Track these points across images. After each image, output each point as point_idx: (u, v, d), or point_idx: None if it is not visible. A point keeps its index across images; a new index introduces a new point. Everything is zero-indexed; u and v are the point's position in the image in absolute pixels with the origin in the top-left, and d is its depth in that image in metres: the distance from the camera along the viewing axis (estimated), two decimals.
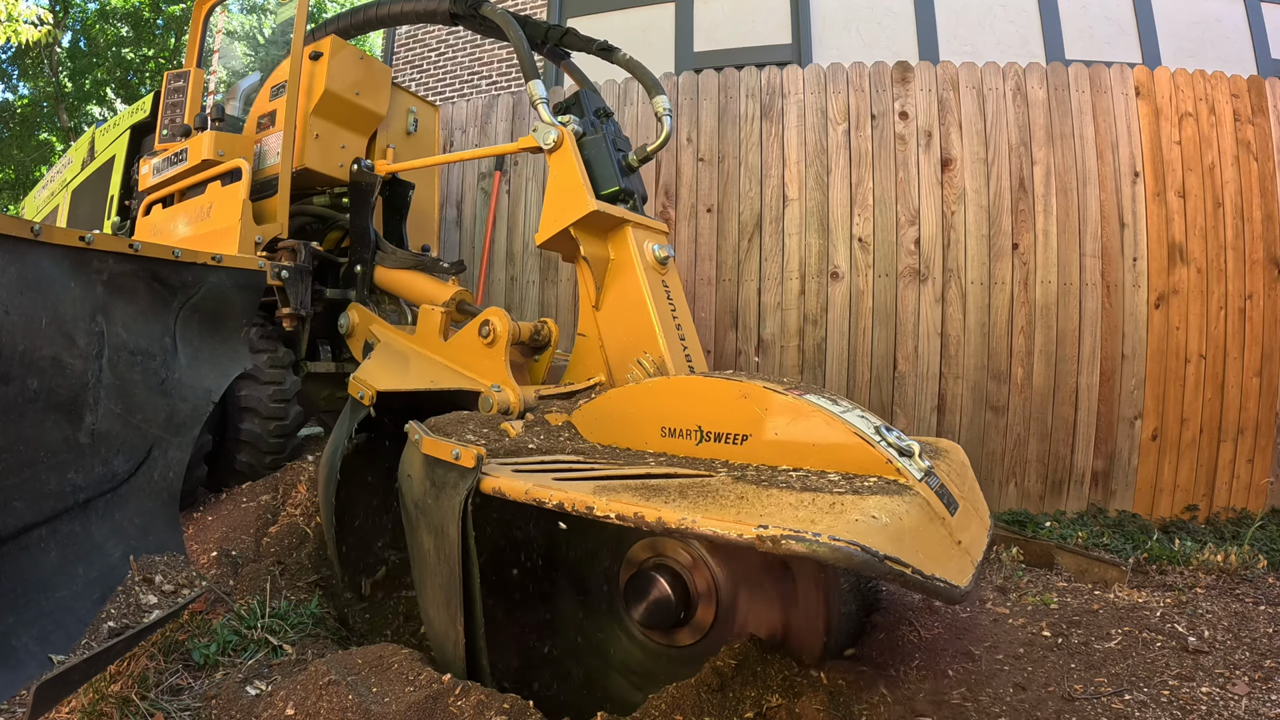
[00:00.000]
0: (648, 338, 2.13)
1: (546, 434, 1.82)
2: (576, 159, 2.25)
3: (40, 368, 1.41)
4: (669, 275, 2.32)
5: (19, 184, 13.59)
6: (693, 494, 1.30)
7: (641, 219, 2.32)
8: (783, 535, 1.09)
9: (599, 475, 1.45)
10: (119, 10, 13.55)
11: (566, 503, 1.30)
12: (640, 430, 1.71)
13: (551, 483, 1.37)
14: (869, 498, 1.25)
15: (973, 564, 1.34)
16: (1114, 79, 3.59)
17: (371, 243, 2.87)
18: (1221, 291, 3.52)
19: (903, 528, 1.20)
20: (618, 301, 2.23)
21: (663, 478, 1.42)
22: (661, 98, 2.59)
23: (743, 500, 1.26)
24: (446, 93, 6.85)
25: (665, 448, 1.66)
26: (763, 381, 1.58)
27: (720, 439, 1.57)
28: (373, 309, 2.84)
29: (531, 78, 2.35)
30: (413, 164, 2.96)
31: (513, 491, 1.37)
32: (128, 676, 1.54)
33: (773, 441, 1.50)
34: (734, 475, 1.41)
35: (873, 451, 1.40)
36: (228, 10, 13.23)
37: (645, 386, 1.75)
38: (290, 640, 1.74)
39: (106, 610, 1.47)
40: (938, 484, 1.45)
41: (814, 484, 1.34)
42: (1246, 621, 2.02)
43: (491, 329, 2.25)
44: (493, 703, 1.35)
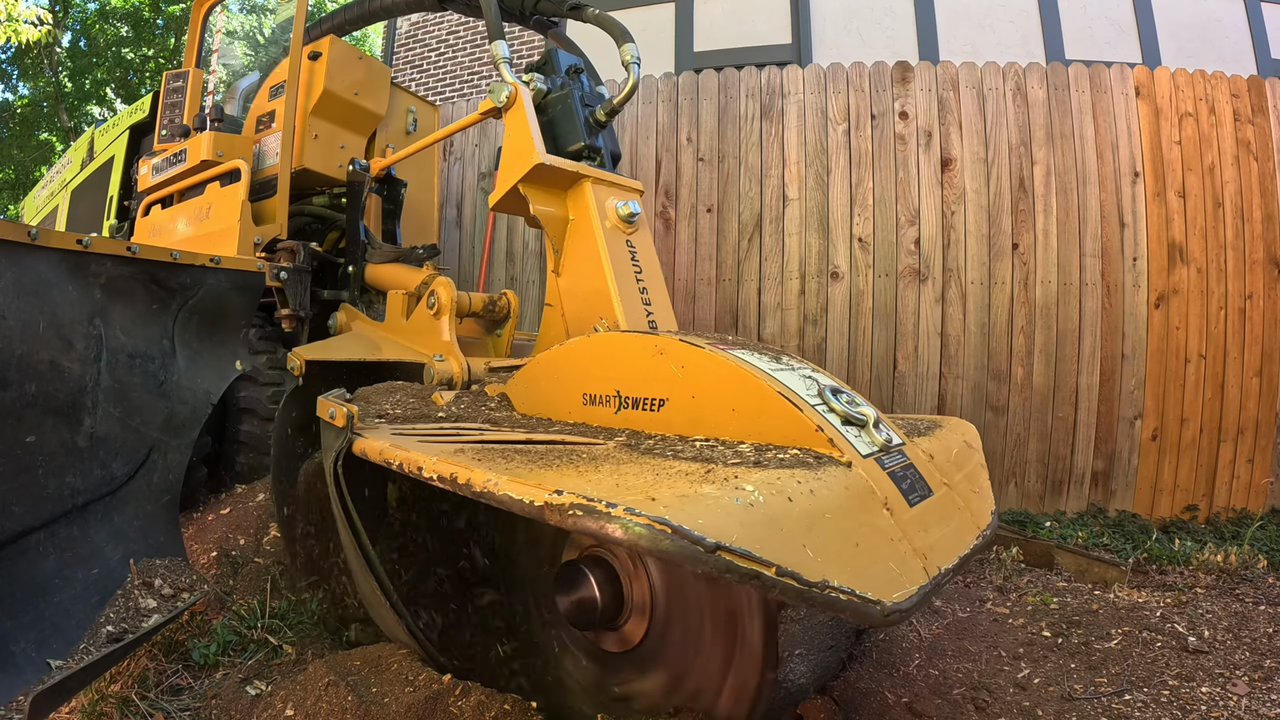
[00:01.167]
0: (604, 302, 1.94)
1: (471, 404, 1.66)
2: (528, 115, 2.09)
3: (38, 372, 1.41)
4: (637, 234, 2.11)
5: (19, 184, 13.59)
6: (545, 459, 1.09)
7: (605, 175, 2.15)
8: (572, 504, 0.85)
9: (474, 440, 1.27)
10: (119, 10, 13.54)
11: (406, 463, 1.14)
12: (563, 398, 1.51)
13: (414, 444, 1.21)
14: (758, 472, 0.97)
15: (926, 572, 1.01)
16: (1114, 79, 3.59)
17: (362, 242, 2.87)
18: (1221, 291, 3.51)
19: (788, 512, 0.90)
20: (576, 264, 2.06)
21: (544, 444, 1.22)
22: (630, 45, 2.36)
23: (590, 467, 1.03)
24: (446, 93, 6.85)
25: (586, 417, 1.44)
26: (685, 336, 1.36)
27: (638, 405, 1.34)
28: (363, 309, 2.83)
29: (496, 38, 2.22)
30: (397, 155, 2.94)
31: (371, 452, 1.25)
32: (128, 676, 1.54)
33: (690, 405, 1.26)
34: (624, 444, 1.19)
35: (799, 417, 1.13)
36: (227, 10, 13.23)
37: (567, 348, 1.54)
38: (290, 640, 1.74)
39: (105, 614, 1.47)
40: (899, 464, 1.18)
41: (707, 454, 1.09)
42: (1246, 621, 2.02)
43: (436, 299, 2.16)
44: (493, 703, 1.35)
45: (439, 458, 1.08)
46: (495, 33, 2.26)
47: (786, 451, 1.10)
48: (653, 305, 2.01)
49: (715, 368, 1.24)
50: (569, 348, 1.54)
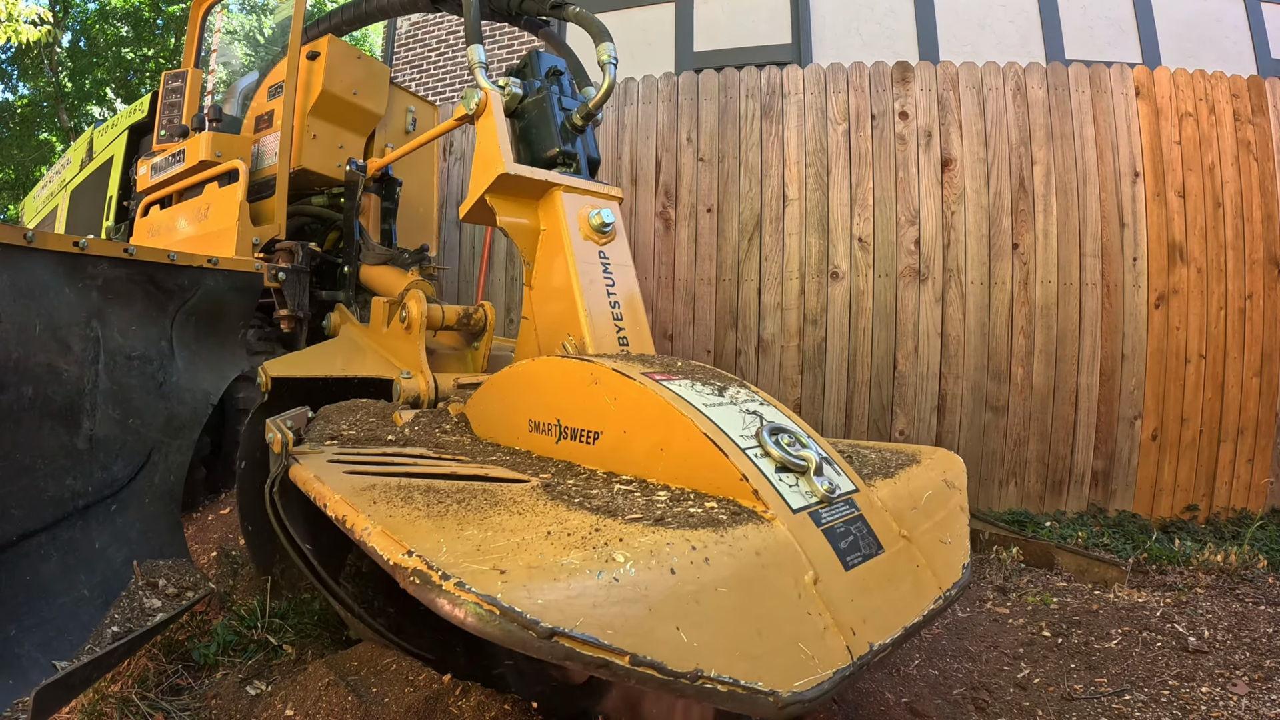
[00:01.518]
0: (572, 317, 1.86)
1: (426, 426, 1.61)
2: (498, 122, 2.03)
3: (35, 375, 1.41)
4: (611, 245, 2.01)
5: (19, 184, 13.58)
6: (445, 503, 1.04)
7: (579, 183, 2.06)
8: (413, 569, 0.80)
9: (399, 472, 1.22)
10: (119, 10, 13.54)
11: (317, 497, 1.11)
12: (511, 423, 1.45)
13: (335, 476, 1.17)
14: (652, 533, 0.88)
15: (849, 652, 0.88)
16: (1114, 79, 3.59)
17: (357, 242, 2.87)
18: (1221, 291, 3.51)
19: (665, 587, 0.79)
20: (547, 276, 1.98)
21: (468, 478, 1.16)
22: (607, 44, 2.24)
23: (478, 518, 0.97)
24: (447, 93, 6.85)
25: (530, 445, 1.38)
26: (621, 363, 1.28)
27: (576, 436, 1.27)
28: (356, 310, 2.83)
29: (472, 42, 2.16)
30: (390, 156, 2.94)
31: (298, 480, 1.22)
32: (128, 676, 1.54)
33: (621, 441, 1.19)
34: (546, 486, 1.11)
35: (723, 463, 1.04)
36: (226, 10, 13.23)
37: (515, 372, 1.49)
38: (290, 640, 1.74)
39: (110, 615, 1.47)
40: (841, 517, 1.06)
41: (613, 505, 1.01)
42: (1246, 621, 2.02)
43: (407, 314, 2.13)
44: (493, 703, 1.35)
45: (342, 495, 1.05)
46: (472, 37, 2.20)
47: (704, 503, 1.00)
48: (624, 320, 1.93)
49: (644, 402, 1.16)
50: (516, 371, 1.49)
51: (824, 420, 3.64)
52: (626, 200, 3.90)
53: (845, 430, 3.63)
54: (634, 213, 3.87)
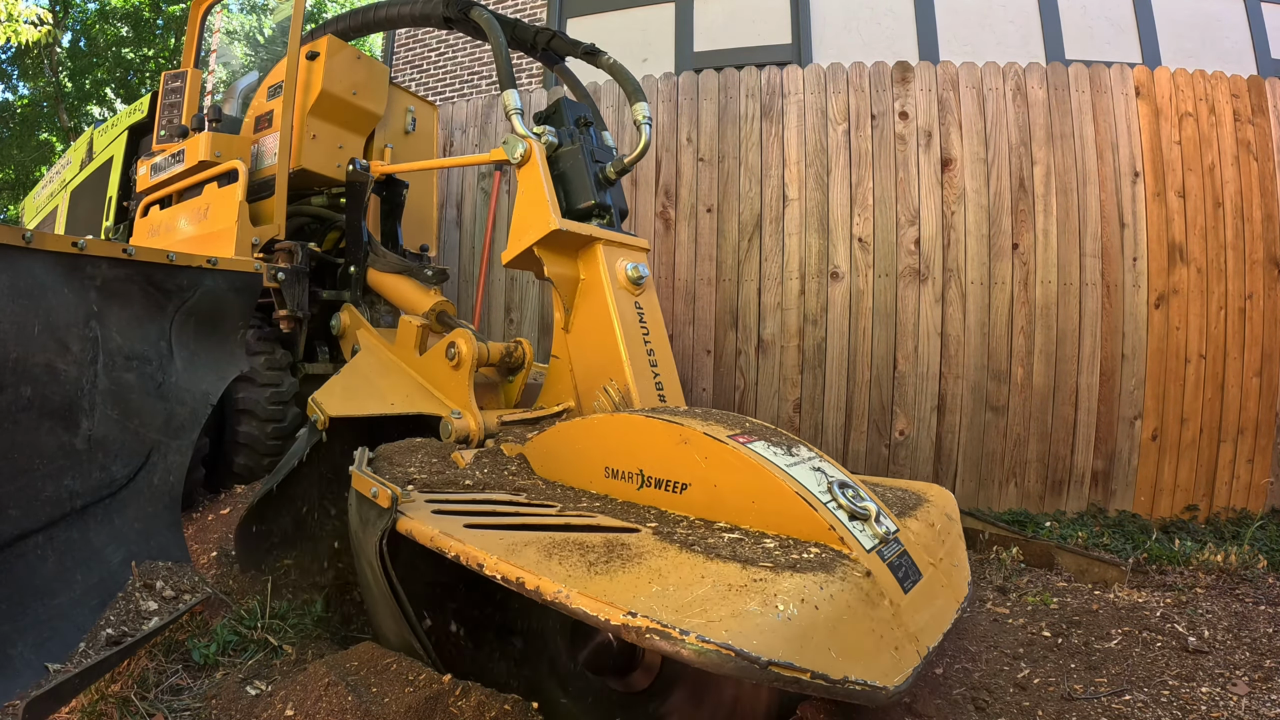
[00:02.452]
0: (614, 364, 2.01)
1: (493, 467, 1.76)
2: (543, 174, 2.15)
3: (34, 375, 1.41)
4: (644, 296, 2.18)
5: (19, 184, 13.59)
6: (601, 555, 1.20)
7: (615, 236, 2.21)
8: (648, 628, 0.96)
9: (515, 525, 1.37)
10: (119, 10, 13.53)
11: (462, 556, 1.23)
12: (585, 469, 1.63)
13: (460, 530, 1.31)
14: (788, 577, 1.10)
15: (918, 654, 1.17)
16: (1114, 79, 3.59)
17: (364, 244, 2.87)
18: (1221, 291, 3.51)
19: (815, 620, 1.04)
20: (586, 324, 2.12)
21: (583, 529, 1.33)
22: (642, 104, 2.42)
23: (649, 572, 1.14)
24: (446, 93, 6.84)
25: (608, 490, 1.57)
26: (705, 425, 1.47)
27: (660, 486, 1.46)
28: (365, 311, 2.83)
29: (507, 87, 2.25)
30: (402, 167, 2.95)
31: (420, 536, 1.32)
32: (128, 677, 1.54)
33: (712, 494, 1.39)
34: (659, 534, 1.29)
35: (814, 516, 1.27)
36: (226, 10, 13.23)
37: (590, 423, 1.66)
38: (290, 641, 1.74)
39: (106, 617, 1.47)
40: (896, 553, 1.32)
41: (742, 553, 1.21)
42: (1246, 621, 2.02)
43: (457, 352, 2.18)
44: (493, 703, 1.35)
45: (498, 556, 1.19)
46: (506, 82, 2.27)
47: (807, 549, 1.24)
48: (659, 367, 2.09)
49: (738, 464, 1.36)
50: (592, 424, 1.66)
51: (824, 420, 3.64)
52: (628, 199, 3.90)
53: (845, 430, 3.63)
54: (634, 213, 3.87)
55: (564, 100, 2.43)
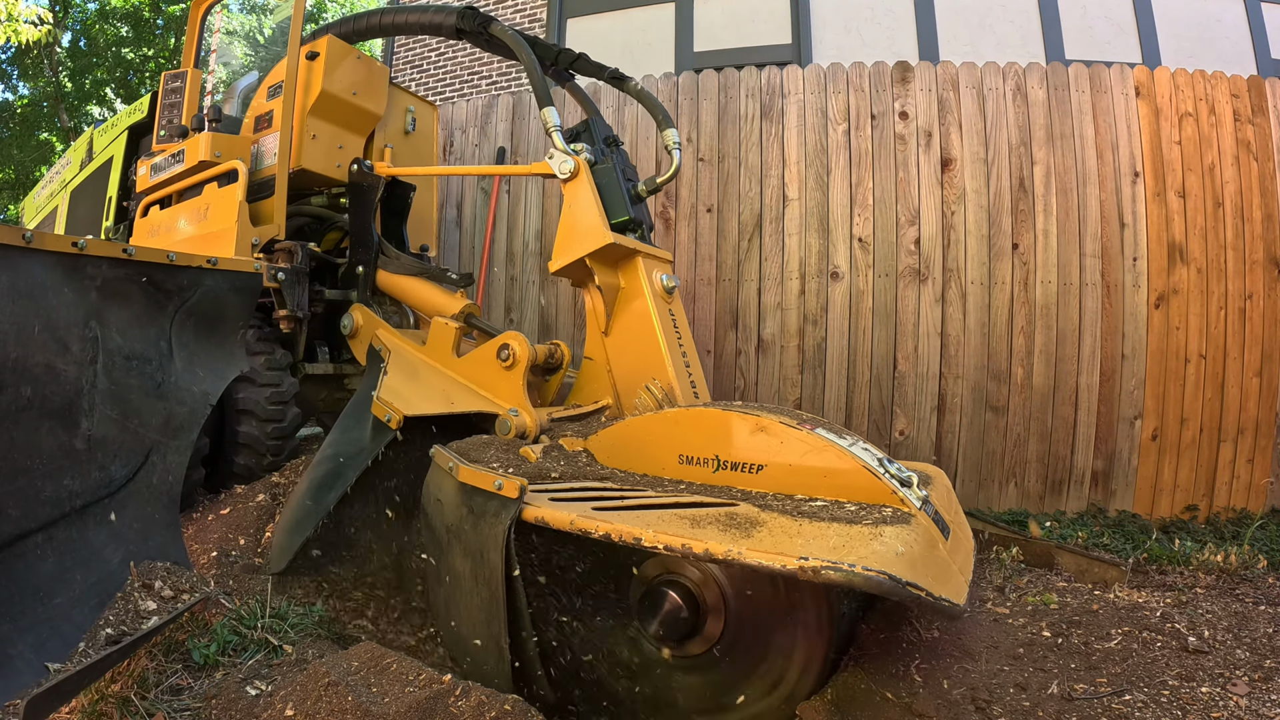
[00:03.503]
0: (656, 365, 2.23)
1: (566, 460, 1.91)
2: (592, 189, 2.32)
3: (34, 375, 1.41)
4: (674, 304, 2.40)
5: (19, 184, 13.59)
6: (728, 523, 1.42)
7: (650, 249, 2.40)
8: (822, 566, 1.22)
9: (633, 504, 1.55)
10: (119, 10, 13.54)
11: (614, 533, 1.39)
12: (658, 457, 1.82)
13: (593, 513, 1.46)
14: (884, 528, 1.38)
15: (966, 583, 1.51)
16: (1114, 79, 3.59)
17: (373, 244, 2.87)
18: (1221, 291, 3.51)
19: (915, 555, 1.33)
20: (627, 329, 2.32)
21: (692, 506, 1.52)
22: (671, 131, 2.66)
23: (779, 531, 1.39)
24: (446, 93, 6.84)
25: (682, 474, 1.77)
26: (775, 415, 1.70)
27: (736, 468, 1.69)
28: (376, 310, 2.84)
29: (545, 104, 2.37)
30: (415, 170, 2.96)
31: (556, 521, 1.46)
32: (127, 677, 1.54)
33: (788, 471, 1.62)
34: (757, 505, 1.52)
35: (879, 483, 1.54)
36: (226, 10, 13.22)
37: (665, 416, 1.87)
38: (290, 640, 1.74)
39: (105, 617, 1.47)
40: (933, 511, 1.59)
41: (837, 514, 1.46)
42: (1246, 621, 2.02)
43: (511, 353, 2.31)
44: (493, 703, 1.35)
45: (654, 529, 1.38)
46: (544, 100, 2.39)
47: (881, 510, 1.49)
48: (690, 367, 2.34)
49: (816, 445, 1.62)
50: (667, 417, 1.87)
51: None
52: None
53: None
54: None
55: (592, 120, 2.61)
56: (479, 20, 2.68)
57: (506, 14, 6.71)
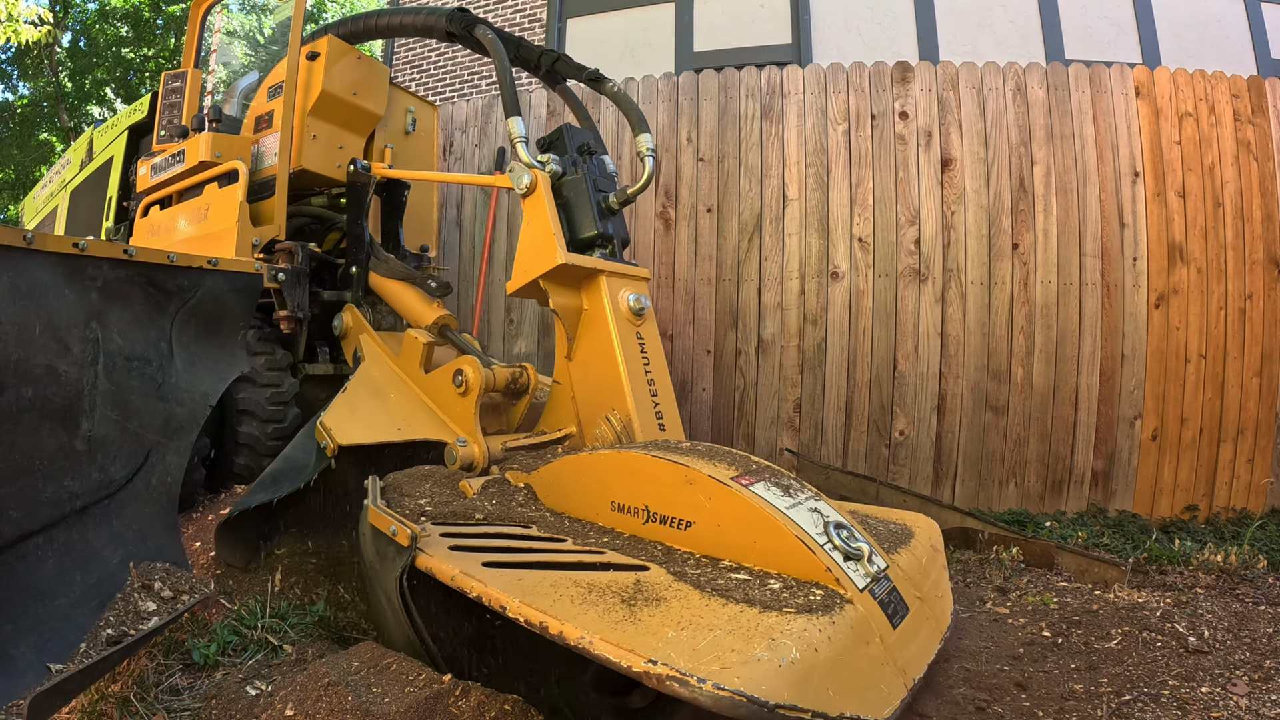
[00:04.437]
0: (616, 395, 2.06)
1: (501, 498, 1.83)
2: (549, 205, 2.17)
3: (34, 376, 1.41)
4: (645, 326, 2.22)
5: (19, 184, 13.59)
6: (629, 595, 1.27)
7: (619, 267, 2.24)
8: (668, 676, 1.04)
9: (531, 563, 1.43)
10: (119, 10, 13.54)
11: (484, 597, 1.28)
12: (592, 502, 1.70)
13: (479, 569, 1.36)
14: (794, 621, 1.20)
15: (905, 686, 1.29)
16: (1114, 79, 3.59)
17: (366, 245, 2.87)
18: (1221, 291, 3.51)
19: (815, 662, 1.13)
20: (589, 354, 2.17)
21: (598, 568, 1.39)
22: (645, 136, 2.44)
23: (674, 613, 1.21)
24: (446, 93, 6.84)
25: (614, 523, 1.64)
26: (711, 465, 1.53)
27: (666, 522, 1.54)
28: (367, 312, 2.83)
29: (511, 114, 2.25)
30: (404, 174, 2.95)
31: (441, 575, 1.37)
32: (127, 677, 1.54)
33: (716, 532, 1.46)
34: (673, 572, 1.37)
35: (812, 558, 1.36)
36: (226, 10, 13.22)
37: (598, 459, 1.73)
38: (290, 640, 1.74)
39: (105, 618, 1.47)
40: (886, 590, 1.41)
41: (752, 594, 1.29)
42: (1246, 621, 2.02)
43: (464, 380, 2.21)
44: (493, 703, 1.35)
45: (521, 600, 1.24)
46: (510, 108, 2.27)
47: (809, 591, 1.31)
48: (659, 397, 2.14)
49: (741, 506, 1.43)
50: (598, 460, 1.73)
51: (824, 420, 3.65)
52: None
53: (845, 430, 3.63)
54: (634, 212, 3.87)
55: (567, 127, 2.45)
56: (465, 23, 2.63)
57: (506, 14, 6.71)
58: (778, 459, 3.69)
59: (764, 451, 3.70)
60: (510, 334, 4.14)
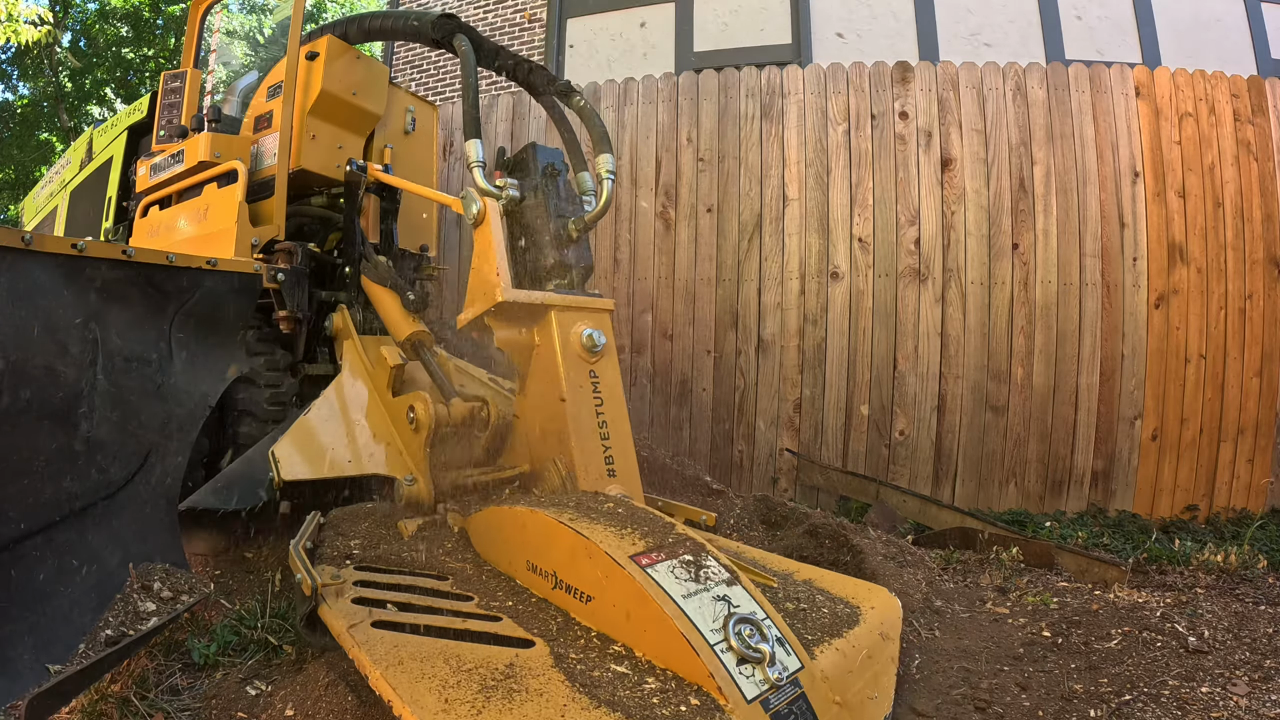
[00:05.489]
0: (562, 440, 1.98)
1: (430, 544, 1.85)
2: (495, 237, 2.07)
3: (33, 377, 1.41)
4: (600, 363, 2.09)
5: (19, 184, 13.59)
6: (498, 677, 1.25)
7: (574, 300, 2.11)
8: None
9: (420, 625, 1.44)
10: (119, 10, 13.53)
11: (356, 661, 1.31)
12: (512, 559, 1.71)
13: (365, 630, 1.38)
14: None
15: None
16: (1114, 79, 3.59)
17: (359, 245, 2.86)
18: (1221, 291, 3.51)
19: None
20: (538, 393, 2.08)
21: (483, 639, 1.40)
22: (606, 157, 2.26)
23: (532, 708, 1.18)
24: (446, 92, 6.84)
25: (529, 583, 1.64)
26: (617, 538, 1.49)
27: (570, 592, 1.52)
28: (358, 313, 2.83)
29: (470, 137, 2.15)
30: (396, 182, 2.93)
31: (332, 629, 1.44)
32: (128, 676, 1.54)
33: (611, 612, 1.42)
34: (556, 653, 1.34)
35: (696, 660, 1.27)
36: (225, 10, 13.22)
37: (516, 515, 1.72)
38: (290, 640, 1.74)
39: (105, 618, 1.47)
40: (787, 699, 1.28)
41: (619, 698, 1.24)
42: (1246, 621, 2.02)
43: (415, 418, 2.16)
44: None
45: (381, 672, 1.24)
46: (470, 129, 2.17)
47: (686, 698, 1.23)
48: (611, 440, 2.02)
49: (631, 591, 1.38)
50: (517, 516, 1.70)
51: (824, 420, 3.64)
52: (626, 200, 3.90)
53: (845, 430, 3.63)
54: (634, 212, 3.87)
55: (535, 147, 2.33)
56: (445, 30, 2.55)
57: (506, 14, 6.71)
58: (778, 459, 3.69)
59: (764, 451, 3.71)
60: None
